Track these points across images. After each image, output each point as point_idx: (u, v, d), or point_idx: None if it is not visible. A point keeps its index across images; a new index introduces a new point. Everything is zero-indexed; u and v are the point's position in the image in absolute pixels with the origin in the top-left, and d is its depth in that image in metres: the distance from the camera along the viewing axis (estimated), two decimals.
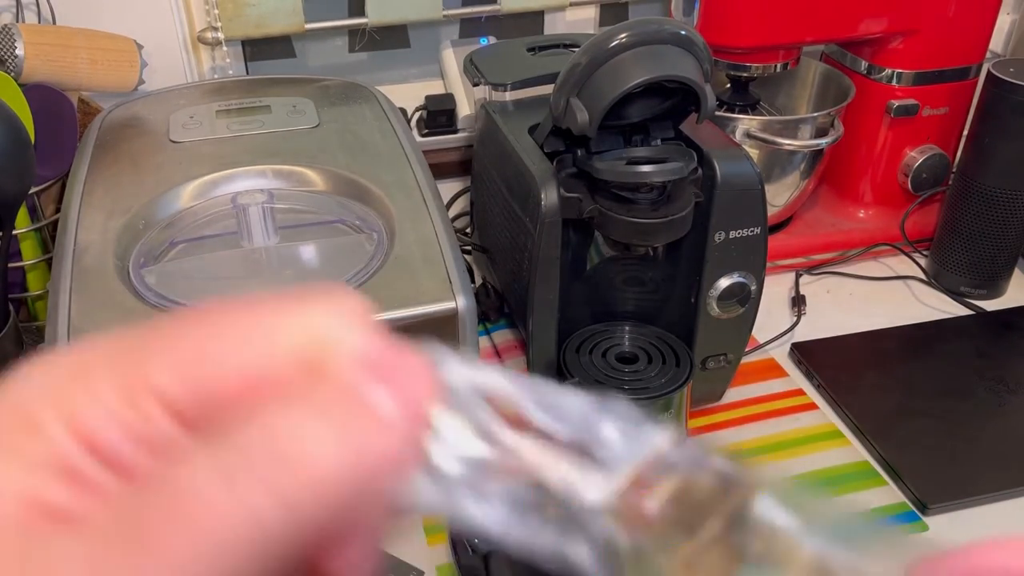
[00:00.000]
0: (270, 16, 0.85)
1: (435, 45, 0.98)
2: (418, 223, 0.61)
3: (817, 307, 0.87)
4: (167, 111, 0.74)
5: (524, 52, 0.80)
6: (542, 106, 0.65)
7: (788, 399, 0.76)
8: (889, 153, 0.93)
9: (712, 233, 0.65)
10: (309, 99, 0.77)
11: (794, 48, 0.86)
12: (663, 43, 0.58)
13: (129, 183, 0.65)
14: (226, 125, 0.72)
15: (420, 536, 0.63)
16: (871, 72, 0.91)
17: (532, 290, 0.64)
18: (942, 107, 0.91)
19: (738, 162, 0.64)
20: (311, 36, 0.92)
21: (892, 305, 0.88)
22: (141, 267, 0.58)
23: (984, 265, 0.87)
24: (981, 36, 0.89)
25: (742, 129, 0.84)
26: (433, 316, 0.56)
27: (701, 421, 0.74)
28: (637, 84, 0.57)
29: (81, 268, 0.56)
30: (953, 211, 0.87)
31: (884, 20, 0.85)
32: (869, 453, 0.70)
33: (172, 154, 0.68)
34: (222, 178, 0.66)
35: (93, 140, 0.70)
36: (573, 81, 0.59)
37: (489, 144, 0.74)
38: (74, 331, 0.52)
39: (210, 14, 0.84)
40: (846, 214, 0.97)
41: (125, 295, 0.55)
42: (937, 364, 0.79)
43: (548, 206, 0.61)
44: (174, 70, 0.86)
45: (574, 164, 0.64)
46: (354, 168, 0.67)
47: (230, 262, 0.61)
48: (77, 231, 0.59)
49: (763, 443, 0.71)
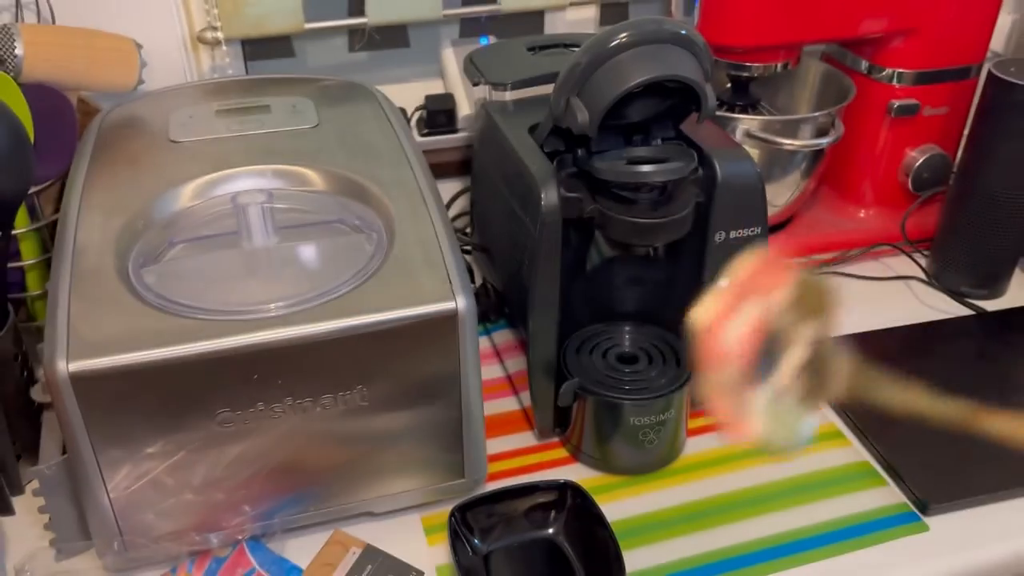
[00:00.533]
0: (270, 16, 0.85)
1: (435, 45, 0.98)
2: (418, 223, 0.61)
3: None
4: (166, 111, 0.74)
5: (524, 52, 0.80)
6: (542, 106, 0.65)
7: None
8: (889, 153, 0.93)
9: (712, 233, 0.65)
10: (309, 99, 0.77)
11: (794, 48, 0.86)
12: (663, 43, 0.58)
13: (128, 183, 0.65)
14: (226, 125, 0.72)
15: (420, 536, 0.63)
16: (871, 72, 0.91)
17: (532, 290, 0.64)
18: (942, 107, 0.91)
19: (738, 162, 0.64)
20: (311, 36, 0.92)
21: (893, 305, 0.88)
22: (140, 267, 0.58)
23: (985, 265, 0.87)
24: (982, 36, 0.89)
25: (742, 129, 0.84)
26: (433, 316, 0.56)
27: (701, 421, 0.74)
28: (637, 84, 0.57)
29: (80, 268, 0.56)
30: (954, 211, 0.87)
31: (884, 20, 0.85)
32: (869, 453, 0.70)
33: (172, 154, 0.68)
34: (222, 178, 0.65)
35: (92, 140, 0.70)
36: (573, 81, 0.59)
37: (489, 144, 0.74)
38: (73, 331, 0.52)
39: (210, 13, 0.84)
40: (846, 214, 0.97)
41: (124, 295, 0.55)
42: (938, 364, 0.79)
43: (548, 206, 0.61)
44: (174, 70, 0.85)
45: (574, 164, 0.64)
46: (354, 168, 0.66)
47: (230, 262, 0.61)
48: (76, 231, 0.59)
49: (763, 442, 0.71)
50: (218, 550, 0.60)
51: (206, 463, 0.56)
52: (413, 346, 0.56)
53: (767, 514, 0.65)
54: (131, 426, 0.53)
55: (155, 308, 0.54)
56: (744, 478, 0.68)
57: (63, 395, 0.51)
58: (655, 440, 0.67)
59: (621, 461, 0.68)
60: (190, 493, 0.57)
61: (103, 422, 0.53)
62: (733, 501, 0.66)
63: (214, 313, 0.54)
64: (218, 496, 0.58)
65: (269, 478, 0.58)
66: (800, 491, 0.67)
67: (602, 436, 0.67)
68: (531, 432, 0.72)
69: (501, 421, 0.74)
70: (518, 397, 0.76)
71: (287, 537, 0.62)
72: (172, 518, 0.58)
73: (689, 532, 0.64)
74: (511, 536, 0.63)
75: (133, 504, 0.56)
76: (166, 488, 0.56)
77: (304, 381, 0.55)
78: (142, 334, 0.52)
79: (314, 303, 0.55)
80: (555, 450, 0.71)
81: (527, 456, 0.70)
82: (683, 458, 0.70)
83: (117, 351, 0.51)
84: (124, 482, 0.55)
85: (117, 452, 0.54)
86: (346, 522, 0.63)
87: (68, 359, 0.51)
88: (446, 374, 0.58)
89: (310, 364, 0.55)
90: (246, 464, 0.57)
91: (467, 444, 0.62)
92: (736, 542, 0.63)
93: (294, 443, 0.57)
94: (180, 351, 0.52)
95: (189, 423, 0.54)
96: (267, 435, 0.56)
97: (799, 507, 0.66)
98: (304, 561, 0.60)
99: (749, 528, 0.64)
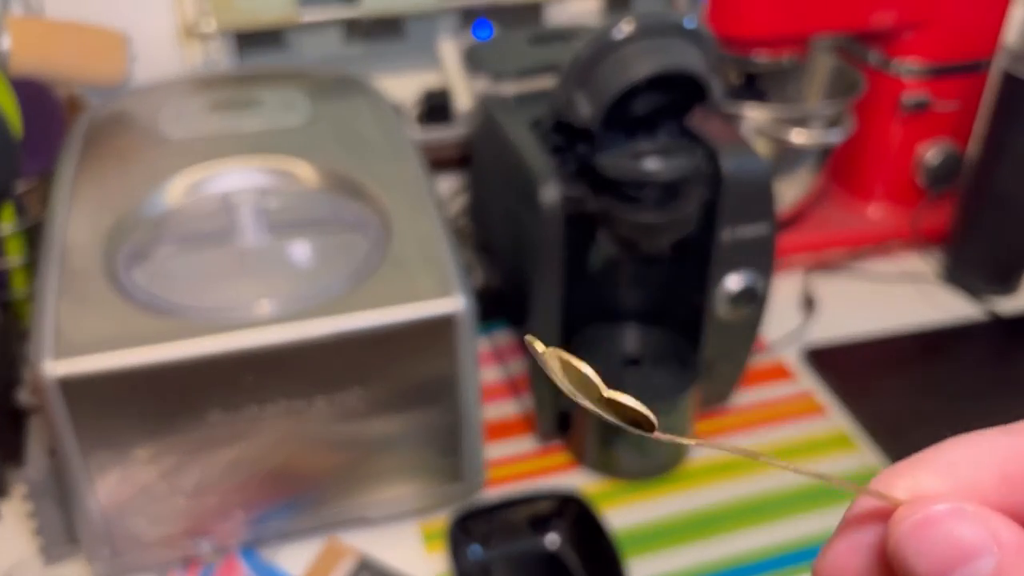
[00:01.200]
0: (263, 7, 0.83)
1: (432, 37, 0.96)
2: (416, 220, 0.60)
3: (828, 307, 0.86)
4: (157, 105, 0.73)
5: (525, 44, 0.78)
6: (543, 100, 0.64)
7: (797, 403, 0.74)
8: (901, 148, 0.92)
9: (719, 231, 0.64)
10: (303, 92, 0.75)
11: (803, 40, 0.85)
12: (668, 35, 0.57)
13: (117, 180, 0.63)
14: (218, 120, 0.70)
15: (418, 544, 0.62)
16: (882, 65, 0.89)
17: (533, 290, 0.62)
18: (954, 101, 0.90)
19: (746, 158, 0.63)
20: (305, 28, 0.91)
21: (905, 304, 0.86)
22: (130, 266, 0.57)
23: (998, 263, 0.86)
24: (994, 29, 0.87)
25: (750, 124, 0.83)
26: (431, 316, 0.55)
27: (708, 425, 0.72)
28: (642, 77, 0.56)
29: (67, 268, 0.55)
30: (966, 208, 0.86)
31: (895, 12, 0.84)
32: (880, 459, 0.69)
33: (162, 150, 0.67)
34: (214, 175, 0.64)
35: (81, 136, 0.69)
36: (576, 74, 0.58)
37: (489, 139, 0.73)
38: (60, 332, 0.51)
39: (201, 5, 0.82)
40: (857, 211, 0.96)
41: (113, 295, 0.54)
42: (952, 369, 0.78)
43: (549, 203, 0.60)
44: (164, 63, 0.84)
45: (576, 160, 0.62)
46: (349, 164, 0.65)
47: (222, 261, 0.60)
48: (64, 230, 0.58)
49: (771, 448, 0.70)
50: (209, 557, 0.59)
51: (197, 467, 0.55)
52: (410, 347, 0.55)
53: (775, 521, 0.63)
54: (120, 429, 0.52)
55: (145, 308, 0.53)
56: (751, 484, 0.66)
57: (50, 398, 0.50)
58: (660, 445, 0.65)
59: (624, 466, 0.66)
60: (181, 498, 0.56)
61: (91, 425, 0.52)
62: (739, 508, 0.65)
63: (205, 313, 0.53)
64: (210, 501, 0.57)
65: (262, 483, 0.57)
66: (808, 498, 0.65)
67: (605, 441, 0.66)
68: (532, 437, 0.71)
69: (501, 425, 0.72)
70: (519, 400, 0.74)
71: (280, 544, 0.61)
72: (163, 524, 0.57)
73: (694, 540, 0.62)
74: (512, 545, 0.61)
75: (123, 509, 0.55)
76: (156, 493, 0.55)
77: (298, 383, 0.54)
78: (131, 335, 0.51)
79: (308, 303, 0.54)
80: (557, 455, 0.69)
81: (528, 461, 0.69)
82: (688, 463, 0.69)
83: (105, 352, 0.50)
84: (113, 487, 0.54)
85: (106, 456, 0.53)
86: (341, 528, 0.62)
87: (55, 361, 0.49)
88: (444, 376, 0.57)
89: (304, 365, 0.54)
90: (238, 468, 0.56)
91: (465, 448, 0.61)
92: (744, 550, 0.61)
93: (288, 447, 0.56)
94: (170, 352, 0.51)
95: (180, 426, 0.53)
96: (260, 438, 0.55)
97: (808, 514, 0.64)
98: (297, 569, 0.59)
99: (757, 536, 0.62)
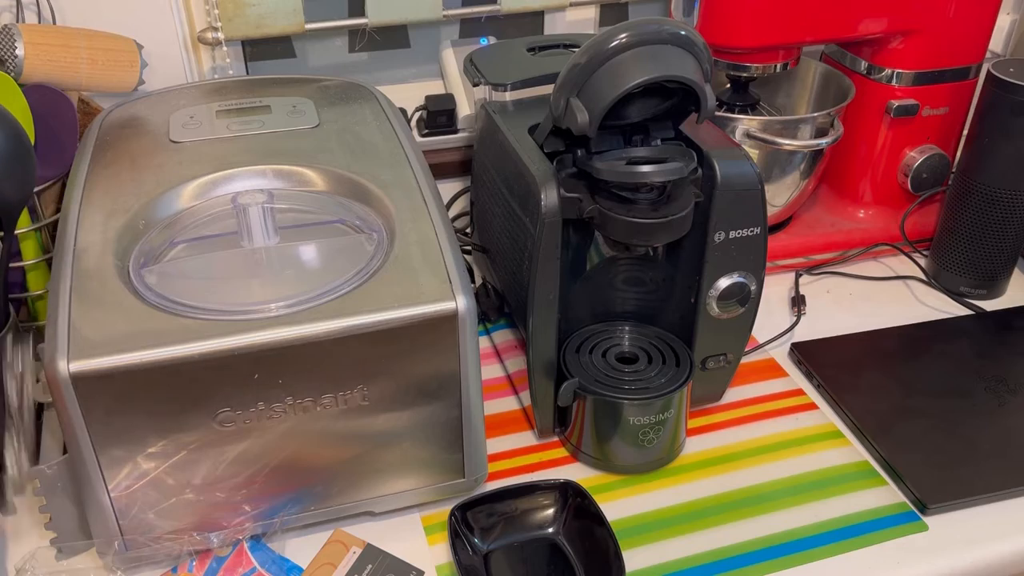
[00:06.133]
0: (270, 16, 0.85)
1: (435, 45, 0.98)
2: (418, 223, 0.61)
3: (817, 307, 0.87)
4: (167, 111, 0.74)
5: (524, 52, 0.80)
6: (542, 106, 0.65)
7: (788, 399, 0.76)
8: (889, 153, 0.93)
9: (712, 233, 0.65)
10: (309, 99, 0.77)
11: (794, 48, 0.86)
12: (663, 43, 0.58)
13: (129, 183, 0.65)
14: (226, 125, 0.72)
15: (420, 535, 0.63)
16: (871, 72, 0.91)
17: (532, 290, 0.64)
18: (942, 107, 0.91)
19: (738, 162, 0.64)
20: (311, 36, 0.92)
21: (892, 305, 0.88)
22: (141, 267, 0.58)
23: (984, 265, 0.87)
24: (981, 36, 0.89)
25: (742, 129, 0.84)
26: (433, 316, 0.56)
27: (701, 421, 0.74)
28: (637, 84, 0.57)
29: (81, 268, 0.56)
30: (953, 211, 0.87)
31: (884, 20, 0.85)
32: (869, 453, 0.70)
33: (172, 154, 0.68)
34: (222, 178, 0.66)
35: (93, 140, 0.70)
36: (573, 81, 0.59)
37: (489, 144, 0.74)
38: (74, 331, 0.52)
39: (210, 14, 0.84)
40: (846, 214, 0.97)
41: (125, 295, 0.55)
42: (937, 364, 0.79)
43: (548, 206, 0.61)
44: (174, 70, 0.85)
45: (574, 164, 0.64)
46: (354, 168, 0.67)
47: (230, 262, 0.61)
48: (77, 231, 0.59)
49: (763, 443, 0.71)
50: (219, 549, 0.60)
51: (207, 462, 0.56)
52: (413, 346, 0.56)
53: (766, 514, 0.65)
54: (132, 426, 0.53)
55: (156, 308, 0.54)
56: (744, 477, 0.68)
57: (64, 395, 0.51)
58: (655, 440, 0.67)
59: (621, 460, 0.68)
60: (191, 492, 0.57)
61: (104, 422, 0.53)
62: (733, 500, 0.66)
63: (215, 313, 0.54)
64: (219, 495, 0.58)
65: (270, 477, 0.58)
66: (799, 491, 0.67)
67: (602, 436, 0.67)
68: (531, 432, 0.72)
69: (501, 421, 0.74)
70: (518, 397, 0.76)
71: (287, 536, 0.62)
72: (173, 517, 0.58)
73: (689, 531, 0.64)
74: (511, 535, 0.63)
75: (134, 503, 0.56)
76: (167, 487, 0.56)
77: (304, 381, 0.55)
78: (143, 334, 0.52)
79: (314, 303, 0.55)
80: (555, 449, 0.71)
81: (527, 455, 0.70)
82: (683, 457, 0.70)
83: (118, 351, 0.51)
84: (125, 481, 0.55)
85: (118, 452, 0.54)
86: (346, 521, 0.63)
87: (69, 359, 0.51)
88: (446, 374, 0.58)
89: (311, 364, 0.55)
90: (247, 464, 0.57)
91: (467, 443, 0.62)
92: (736, 541, 0.63)
93: (294, 443, 0.57)
94: (181, 351, 0.52)
95: (190, 423, 0.54)
96: (267, 435, 0.56)
97: (798, 507, 0.66)
98: (304, 560, 0.61)
99: (749, 528, 0.64)
